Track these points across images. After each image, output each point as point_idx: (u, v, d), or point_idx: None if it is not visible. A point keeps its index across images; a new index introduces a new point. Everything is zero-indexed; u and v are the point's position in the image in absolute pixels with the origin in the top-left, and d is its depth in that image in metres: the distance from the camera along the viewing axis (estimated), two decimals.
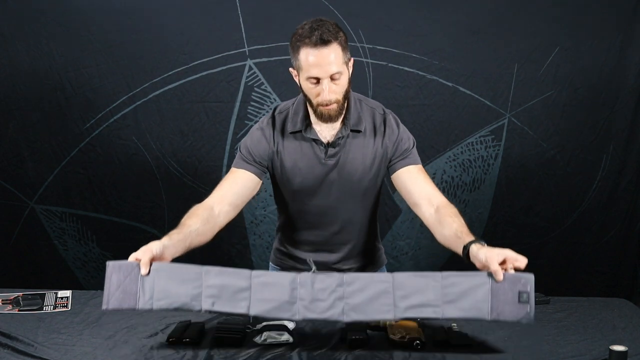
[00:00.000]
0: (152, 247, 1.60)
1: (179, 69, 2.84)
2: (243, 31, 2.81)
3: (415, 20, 2.82)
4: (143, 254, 1.58)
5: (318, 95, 1.76)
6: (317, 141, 1.87)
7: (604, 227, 3.00)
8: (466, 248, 1.66)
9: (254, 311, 1.57)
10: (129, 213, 2.97)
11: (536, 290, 2.04)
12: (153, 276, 1.58)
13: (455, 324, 1.75)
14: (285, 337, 1.65)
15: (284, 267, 2.11)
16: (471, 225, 3.04)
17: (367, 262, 2.08)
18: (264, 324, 1.73)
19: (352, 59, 1.83)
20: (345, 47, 1.76)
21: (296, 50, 1.76)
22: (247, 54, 2.83)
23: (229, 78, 2.86)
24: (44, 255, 3.00)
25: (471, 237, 1.70)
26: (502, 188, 2.97)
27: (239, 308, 1.57)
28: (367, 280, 1.59)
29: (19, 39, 2.81)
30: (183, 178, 2.94)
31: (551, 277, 3.02)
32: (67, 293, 1.99)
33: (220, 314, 1.68)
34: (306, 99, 1.83)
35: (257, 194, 2.15)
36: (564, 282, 3.03)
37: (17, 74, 2.84)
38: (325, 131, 1.87)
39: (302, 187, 1.91)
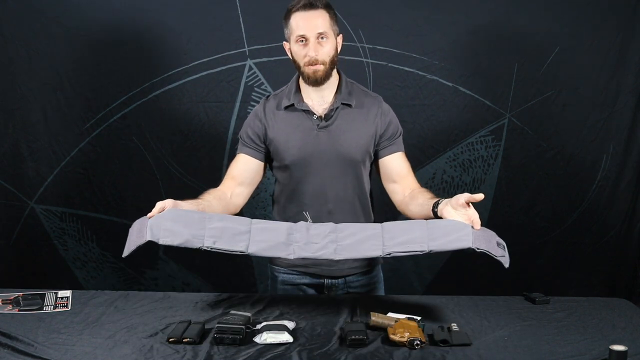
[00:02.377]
0: (166, 201, 1.78)
1: (179, 69, 2.85)
2: (243, 31, 2.82)
3: (415, 20, 2.82)
4: (157, 205, 1.76)
5: (305, 55, 1.90)
6: (308, 112, 1.97)
7: (604, 227, 3.00)
8: (436, 203, 1.83)
9: (252, 249, 1.69)
10: (129, 213, 2.96)
11: (536, 290, 2.06)
12: (159, 218, 1.71)
13: (455, 324, 1.75)
14: (285, 337, 1.65)
15: (281, 265, 2.12)
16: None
17: (363, 259, 2.09)
18: (264, 324, 1.73)
19: (341, 35, 1.98)
20: (333, 19, 1.93)
21: (288, 18, 1.93)
22: (247, 54, 2.83)
23: (229, 78, 2.86)
24: (44, 255, 3.00)
25: (438, 199, 1.85)
26: (502, 188, 2.97)
27: (238, 247, 1.69)
28: (357, 227, 1.74)
29: (19, 39, 2.81)
30: (183, 178, 2.94)
31: (551, 277, 3.02)
32: (67, 293, 1.99)
33: (220, 251, 1.75)
34: (296, 65, 1.95)
35: (257, 193, 2.15)
36: (564, 282, 3.03)
37: (17, 74, 2.84)
38: (317, 105, 1.98)
39: (296, 159, 1.98)
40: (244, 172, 2.05)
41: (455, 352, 1.60)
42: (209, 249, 1.68)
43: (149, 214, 1.75)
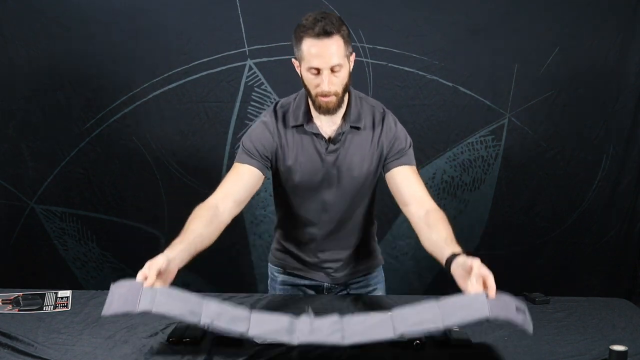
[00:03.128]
0: (158, 261, 1.57)
1: (179, 69, 2.84)
2: (243, 31, 2.81)
3: (415, 20, 2.82)
4: (149, 269, 1.55)
5: (317, 86, 1.77)
6: (318, 135, 1.88)
7: (604, 227, 3.00)
8: (452, 256, 1.64)
9: (253, 333, 1.54)
10: (129, 213, 2.97)
11: (536, 290, 2.06)
12: (153, 292, 1.54)
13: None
14: None
15: (282, 267, 2.11)
16: (471, 225, 3.07)
17: (363, 262, 2.09)
18: None
19: (353, 54, 1.84)
20: (347, 41, 1.78)
21: (299, 40, 1.78)
22: (247, 54, 2.83)
23: (229, 78, 2.86)
24: (44, 255, 3.00)
25: (457, 248, 1.68)
26: (502, 188, 2.97)
27: (239, 328, 1.53)
28: (364, 316, 1.58)
29: (19, 39, 2.81)
30: (183, 178, 2.94)
31: (551, 277, 3.02)
32: (67, 293, 1.99)
33: (219, 331, 1.59)
34: (306, 90, 1.84)
35: (257, 193, 2.15)
36: (564, 282, 3.03)
37: (17, 74, 2.84)
38: (326, 126, 1.89)
39: (303, 181, 1.92)
40: (243, 187, 1.88)
41: (455, 352, 1.60)
42: (206, 327, 1.52)
43: (146, 282, 1.55)
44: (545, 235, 3.01)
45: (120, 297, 1.56)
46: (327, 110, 1.81)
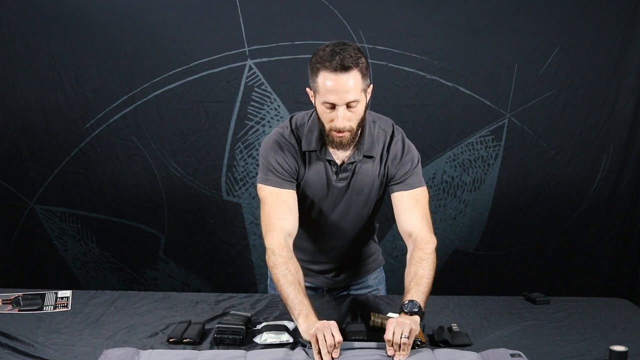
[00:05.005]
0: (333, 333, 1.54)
1: (179, 69, 2.84)
2: (243, 31, 2.81)
3: (415, 20, 2.82)
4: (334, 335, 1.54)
5: (332, 121, 1.71)
6: (330, 162, 1.84)
7: (604, 227, 3.00)
8: (408, 302, 1.65)
9: None
10: (129, 213, 2.97)
11: (536, 290, 2.06)
12: (149, 353, 1.57)
13: (455, 324, 1.76)
14: (285, 337, 1.65)
15: None
16: (471, 225, 3.07)
17: (363, 265, 2.09)
18: (264, 324, 1.73)
19: (371, 86, 1.77)
20: (365, 74, 1.70)
21: (315, 72, 1.70)
22: (247, 54, 2.83)
23: (229, 78, 2.85)
24: (44, 255, 3.00)
25: (416, 295, 1.66)
26: (502, 188, 2.97)
27: None
28: (362, 350, 1.59)
29: (19, 39, 2.81)
30: (183, 178, 2.94)
31: (551, 277, 3.02)
32: (67, 293, 1.99)
33: None
34: (320, 123, 1.77)
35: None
36: (564, 282, 3.03)
37: (17, 74, 2.84)
38: (339, 152, 1.83)
39: (311, 202, 1.90)
40: (293, 213, 1.81)
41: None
42: None
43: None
44: (545, 235, 3.01)
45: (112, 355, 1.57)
46: (341, 146, 1.75)
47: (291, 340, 1.65)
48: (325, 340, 1.53)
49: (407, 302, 1.64)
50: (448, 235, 3.00)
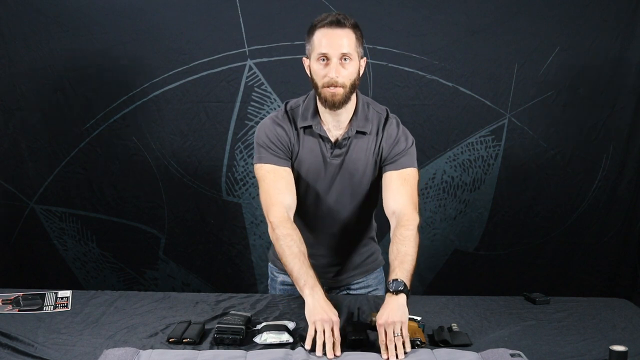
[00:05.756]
0: (333, 320, 1.59)
1: (179, 69, 2.84)
2: (243, 31, 2.81)
3: (415, 20, 2.82)
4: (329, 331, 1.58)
5: (325, 76, 1.76)
6: (324, 139, 1.88)
7: (604, 227, 3.00)
8: (392, 281, 1.67)
9: None
10: (129, 213, 2.97)
11: (536, 290, 2.06)
12: (149, 353, 1.58)
13: (455, 324, 1.75)
14: (285, 337, 1.65)
15: (281, 268, 2.11)
16: (471, 225, 3.07)
17: (363, 265, 2.09)
18: (264, 324, 1.73)
19: (364, 59, 1.84)
20: (359, 40, 1.79)
21: (311, 33, 1.80)
22: (247, 54, 2.83)
23: (229, 78, 2.85)
24: (44, 255, 3.00)
25: (401, 273, 1.69)
26: (502, 188, 2.97)
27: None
28: (361, 354, 1.59)
29: (19, 39, 2.81)
30: (183, 178, 2.94)
31: (551, 277, 3.02)
32: (67, 293, 1.99)
33: None
34: (314, 85, 1.82)
35: (258, 194, 2.16)
36: (564, 282, 3.03)
37: (17, 74, 2.84)
38: (334, 129, 1.88)
39: (306, 183, 1.92)
40: (291, 187, 1.86)
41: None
42: None
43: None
44: (545, 235, 3.01)
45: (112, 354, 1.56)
46: (333, 104, 1.79)
47: (291, 340, 1.65)
48: (324, 334, 1.56)
49: (391, 281, 1.66)
50: (448, 235, 3.00)
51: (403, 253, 1.72)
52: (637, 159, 2.95)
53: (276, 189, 1.84)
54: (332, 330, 1.58)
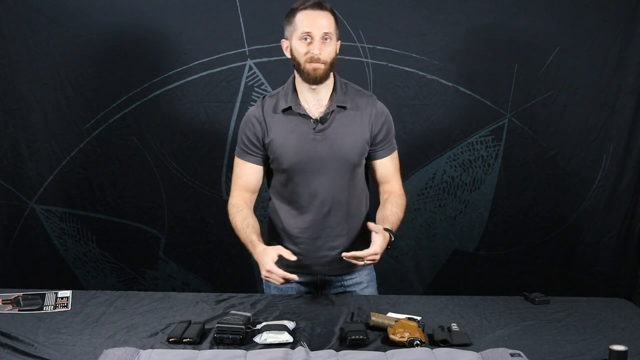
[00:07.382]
0: (270, 260, 1.88)
1: (179, 69, 2.84)
2: (243, 31, 2.81)
3: (415, 20, 2.82)
4: (273, 272, 1.86)
5: (308, 52, 1.91)
6: (305, 116, 1.98)
7: (604, 227, 3.00)
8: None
9: None
10: (129, 213, 2.97)
11: (536, 290, 2.06)
12: (149, 353, 1.58)
13: (455, 324, 1.76)
14: (285, 337, 1.65)
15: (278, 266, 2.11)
16: (471, 225, 3.07)
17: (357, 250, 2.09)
18: (264, 324, 1.73)
19: (340, 42, 2.01)
20: (337, 23, 1.96)
21: (291, 16, 1.95)
22: (247, 54, 2.83)
23: (229, 78, 2.86)
24: (44, 255, 3.00)
25: (387, 226, 1.96)
26: (502, 188, 2.97)
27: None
28: (361, 352, 1.60)
29: (19, 39, 2.81)
30: (183, 178, 2.94)
31: (551, 277, 3.02)
32: (67, 293, 1.99)
33: None
34: (295, 63, 1.96)
35: (259, 194, 2.16)
36: (564, 282, 3.03)
37: (17, 74, 2.84)
38: (313, 108, 1.99)
39: (293, 163, 1.99)
40: (253, 179, 2.09)
41: None
42: None
43: (277, 279, 1.87)
44: (545, 235, 3.01)
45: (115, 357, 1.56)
46: (315, 79, 1.93)
47: (291, 340, 1.65)
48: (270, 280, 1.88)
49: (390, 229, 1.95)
50: (448, 235, 3.00)
51: (394, 212, 2.03)
52: (637, 159, 2.94)
53: (239, 178, 2.10)
54: (271, 270, 1.85)
